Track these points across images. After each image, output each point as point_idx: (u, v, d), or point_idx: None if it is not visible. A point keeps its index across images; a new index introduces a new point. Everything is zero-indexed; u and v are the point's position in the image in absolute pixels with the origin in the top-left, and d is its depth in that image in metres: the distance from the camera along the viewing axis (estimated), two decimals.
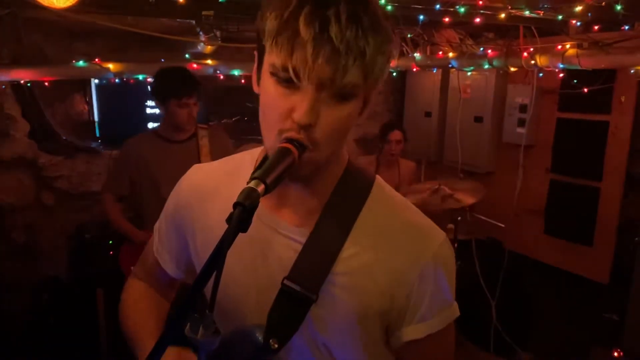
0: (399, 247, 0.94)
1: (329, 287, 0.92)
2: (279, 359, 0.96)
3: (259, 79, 0.91)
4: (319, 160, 0.88)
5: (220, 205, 1.00)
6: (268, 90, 0.86)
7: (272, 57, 0.83)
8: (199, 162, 2.76)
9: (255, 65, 0.92)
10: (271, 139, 0.86)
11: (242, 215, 0.73)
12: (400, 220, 0.97)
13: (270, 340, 0.92)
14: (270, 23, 0.82)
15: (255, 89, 0.93)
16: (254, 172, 0.78)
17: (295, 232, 0.95)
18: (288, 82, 0.82)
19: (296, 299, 0.92)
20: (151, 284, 1.22)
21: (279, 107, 0.84)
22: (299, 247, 0.94)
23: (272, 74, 0.84)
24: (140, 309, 1.18)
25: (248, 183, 0.76)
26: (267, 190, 0.76)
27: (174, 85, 2.73)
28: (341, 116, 0.84)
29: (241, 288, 0.99)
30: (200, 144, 2.87)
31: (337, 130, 0.86)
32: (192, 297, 0.74)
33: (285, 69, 0.81)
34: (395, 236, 0.95)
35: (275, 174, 0.78)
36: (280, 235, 0.96)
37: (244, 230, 0.74)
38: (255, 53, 0.91)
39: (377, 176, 1.04)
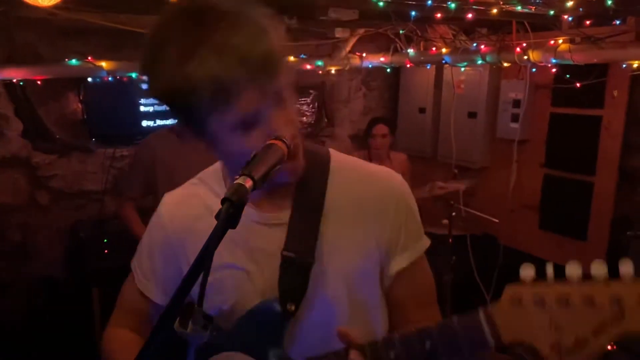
0: (369, 194, 1.09)
1: (322, 247, 1.04)
2: (300, 321, 1.03)
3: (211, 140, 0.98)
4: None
5: (209, 218, 1.02)
6: (233, 142, 0.93)
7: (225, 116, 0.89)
8: (215, 161, 2.73)
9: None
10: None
11: (229, 210, 0.73)
12: (362, 174, 1.13)
13: (287, 305, 1.01)
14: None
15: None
16: (243, 169, 0.79)
17: (278, 217, 1.06)
18: (246, 125, 0.90)
19: (297, 264, 1.02)
20: (134, 327, 1.20)
21: (246, 146, 0.90)
22: (286, 227, 1.05)
23: (235, 127, 0.91)
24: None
25: (236, 179, 0.76)
26: (255, 186, 0.77)
27: None
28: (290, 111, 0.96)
29: (247, 279, 1.06)
30: None
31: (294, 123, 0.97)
32: (181, 293, 0.74)
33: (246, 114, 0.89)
34: (363, 186, 1.10)
35: (264, 169, 0.79)
36: (268, 226, 1.07)
37: (233, 226, 0.75)
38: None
39: (330, 148, 1.18)
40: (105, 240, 3.49)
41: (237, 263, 1.05)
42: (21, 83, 3.37)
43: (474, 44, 3.37)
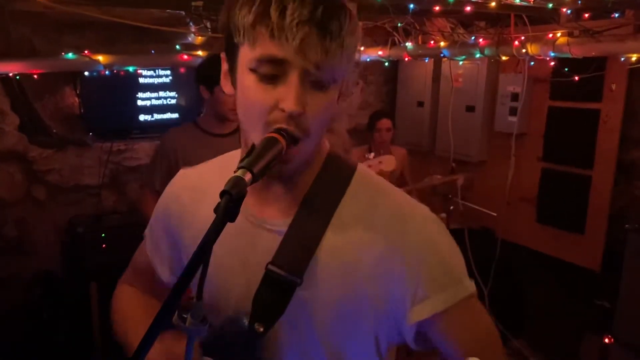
0: (382, 227, 0.94)
1: (313, 271, 0.93)
2: (269, 344, 0.96)
3: (233, 79, 0.91)
4: (308, 151, 0.89)
5: (212, 203, 1.00)
6: (249, 87, 0.86)
7: (252, 52, 0.83)
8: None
9: (226, 67, 0.93)
10: (257, 132, 0.86)
11: (229, 204, 0.73)
12: (382, 202, 0.97)
13: (255, 324, 0.93)
14: (243, 18, 0.82)
15: (228, 89, 0.93)
16: (241, 161, 0.78)
17: (278, 224, 0.96)
18: (270, 77, 0.83)
19: (280, 283, 0.92)
20: (144, 288, 1.21)
21: (263, 101, 0.84)
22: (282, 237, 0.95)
23: (252, 70, 0.84)
24: (133, 317, 1.15)
25: (235, 172, 0.76)
26: (254, 179, 0.76)
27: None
28: (326, 103, 0.86)
29: (230, 281, 1.00)
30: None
31: (324, 117, 0.87)
32: (179, 288, 0.74)
33: (268, 59, 0.82)
34: (378, 217, 0.95)
35: (263, 163, 0.78)
36: (265, 230, 0.97)
37: (232, 219, 0.74)
38: (223, 55, 0.92)
39: (360, 164, 1.04)
40: (102, 235, 3.48)
41: (224, 261, 0.99)
42: (17, 77, 3.35)
43: (472, 38, 3.36)
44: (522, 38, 3.01)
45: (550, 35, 2.90)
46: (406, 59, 3.72)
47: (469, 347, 0.93)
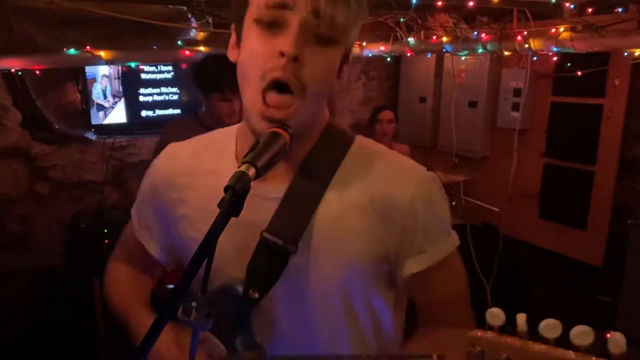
0: (381, 186, 0.96)
1: (309, 238, 0.94)
2: (264, 311, 0.97)
3: (239, 41, 0.93)
4: (307, 111, 0.90)
5: (204, 180, 1.03)
6: (251, 39, 0.88)
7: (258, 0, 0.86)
8: None
9: (233, 39, 0.95)
10: (254, 86, 0.87)
11: (233, 199, 0.73)
12: (381, 163, 1.00)
13: (250, 290, 0.94)
14: None
15: (232, 56, 0.95)
16: (245, 156, 0.78)
17: (274, 190, 0.97)
18: (273, 25, 0.85)
19: (275, 250, 0.93)
20: (134, 264, 1.22)
21: (263, 51, 0.86)
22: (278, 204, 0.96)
23: (257, 20, 0.86)
24: (127, 287, 1.19)
25: (239, 167, 0.76)
26: (258, 174, 0.77)
27: (218, 78, 2.60)
28: (324, 60, 0.88)
29: (223, 249, 0.98)
30: None
31: (322, 75, 0.89)
32: (184, 282, 0.74)
33: (274, 4, 0.84)
34: (377, 177, 0.97)
35: (266, 157, 0.79)
36: (261, 198, 0.96)
37: (236, 214, 0.75)
38: (233, 26, 0.94)
39: (359, 135, 1.06)
40: (105, 231, 3.48)
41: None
42: (19, 73, 3.35)
43: (475, 33, 3.35)
44: (525, 33, 3.00)
45: (553, 30, 2.88)
46: (408, 54, 3.71)
47: (443, 301, 1.02)
